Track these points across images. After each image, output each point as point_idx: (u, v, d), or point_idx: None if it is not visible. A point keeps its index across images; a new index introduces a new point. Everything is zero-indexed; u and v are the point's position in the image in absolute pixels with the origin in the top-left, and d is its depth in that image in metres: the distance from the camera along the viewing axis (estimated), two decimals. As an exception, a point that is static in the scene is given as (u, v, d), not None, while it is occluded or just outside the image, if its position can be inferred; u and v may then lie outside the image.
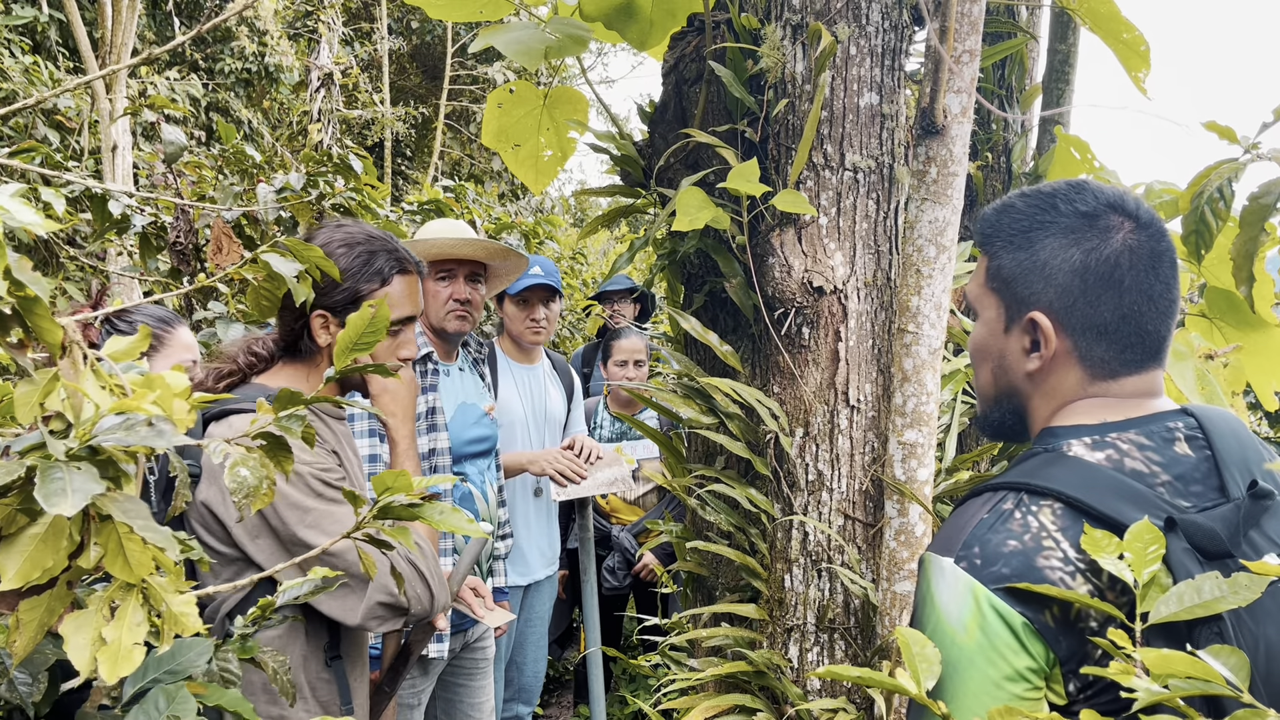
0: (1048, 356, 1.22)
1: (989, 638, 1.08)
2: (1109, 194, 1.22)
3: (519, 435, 3.73)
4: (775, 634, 2.19)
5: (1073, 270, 1.19)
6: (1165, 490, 1.10)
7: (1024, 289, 1.23)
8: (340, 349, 1.55)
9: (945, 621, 1.12)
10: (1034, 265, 1.22)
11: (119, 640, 1.10)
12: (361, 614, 1.75)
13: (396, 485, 1.41)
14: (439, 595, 1.84)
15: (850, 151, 2.04)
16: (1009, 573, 1.08)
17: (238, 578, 1.74)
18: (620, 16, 2.59)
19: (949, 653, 1.11)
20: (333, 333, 1.90)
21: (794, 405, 2.12)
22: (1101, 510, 1.08)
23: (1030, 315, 1.22)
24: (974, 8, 1.84)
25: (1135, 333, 1.18)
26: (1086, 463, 1.14)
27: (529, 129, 2.73)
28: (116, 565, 1.07)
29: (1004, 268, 1.26)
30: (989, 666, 1.08)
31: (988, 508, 1.15)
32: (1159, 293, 1.17)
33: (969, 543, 1.13)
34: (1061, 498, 1.10)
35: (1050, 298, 1.21)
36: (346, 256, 1.91)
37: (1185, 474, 1.11)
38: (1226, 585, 0.97)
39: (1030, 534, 1.09)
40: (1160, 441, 1.13)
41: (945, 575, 1.13)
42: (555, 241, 7.03)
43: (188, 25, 10.15)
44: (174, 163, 3.08)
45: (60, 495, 0.88)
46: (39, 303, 1.00)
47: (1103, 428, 1.17)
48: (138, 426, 0.94)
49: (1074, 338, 1.20)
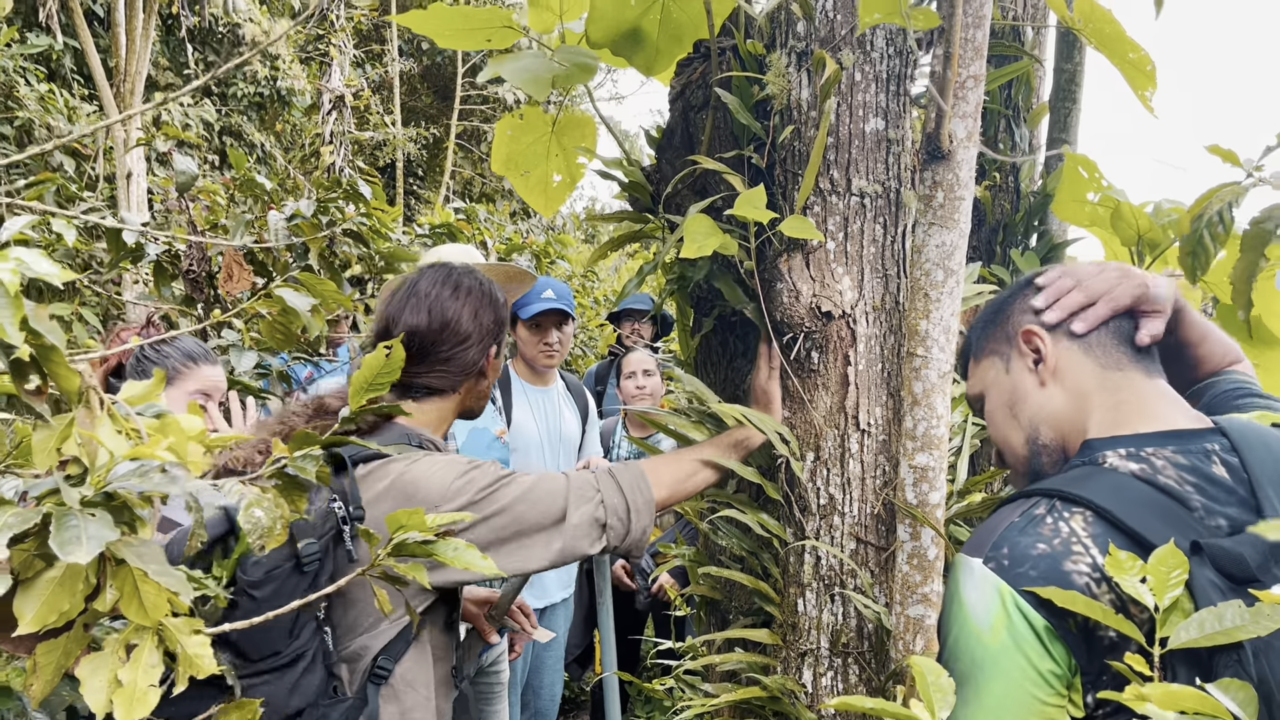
0: (1052, 360, 1.31)
1: (1014, 639, 1.09)
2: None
3: (534, 457, 3.74)
4: (789, 659, 2.19)
5: (1032, 285, 1.41)
6: (1201, 510, 1.11)
7: (1008, 330, 1.41)
8: (356, 388, 1.56)
9: (972, 621, 1.13)
10: (1004, 310, 1.43)
11: (134, 682, 1.11)
12: (570, 527, 1.80)
13: (410, 524, 1.43)
14: (634, 529, 1.88)
15: (857, 177, 2.05)
16: (1036, 575, 1.09)
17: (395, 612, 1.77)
18: (627, 43, 2.60)
19: (975, 652, 1.12)
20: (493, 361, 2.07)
21: (804, 430, 2.12)
22: (1132, 526, 1.09)
23: (1022, 331, 1.36)
24: (978, 34, 1.85)
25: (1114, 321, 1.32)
26: (1121, 476, 1.16)
27: (538, 155, 2.75)
28: (132, 608, 1.08)
29: (989, 338, 1.46)
30: (1014, 668, 1.09)
31: (1019, 511, 1.18)
32: None
33: (998, 544, 1.15)
34: (1094, 507, 1.12)
35: (1029, 318, 1.38)
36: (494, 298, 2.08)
37: (1220, 495, 1.12)
38: (1249, 614, 0.97)
39: (1060, 538, 1.11)
40: (1196, 460, 1.15)
41: (974, 575, 1.14)
42: (567, 260, 7.06)
43: (200, 50, 10.25)
44: (186, 192, 3.11)
45: (75, 543, 0.89)
46: (56, 351, 1.01)
47: (1138, 440, 1.19)
48: (151, 473, 0.95)
49: (1065, 334, 1.33)
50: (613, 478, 1.89)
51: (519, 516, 1.76)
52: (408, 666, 1.79)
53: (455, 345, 1.96)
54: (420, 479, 1.75)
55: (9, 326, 0.94)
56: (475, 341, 1.98)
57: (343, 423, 1.57)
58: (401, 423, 1.93)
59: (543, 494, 1.80)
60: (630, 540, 1.86)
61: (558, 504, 1.80)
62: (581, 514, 1.80)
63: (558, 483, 1.84)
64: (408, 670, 1.79)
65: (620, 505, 1.85)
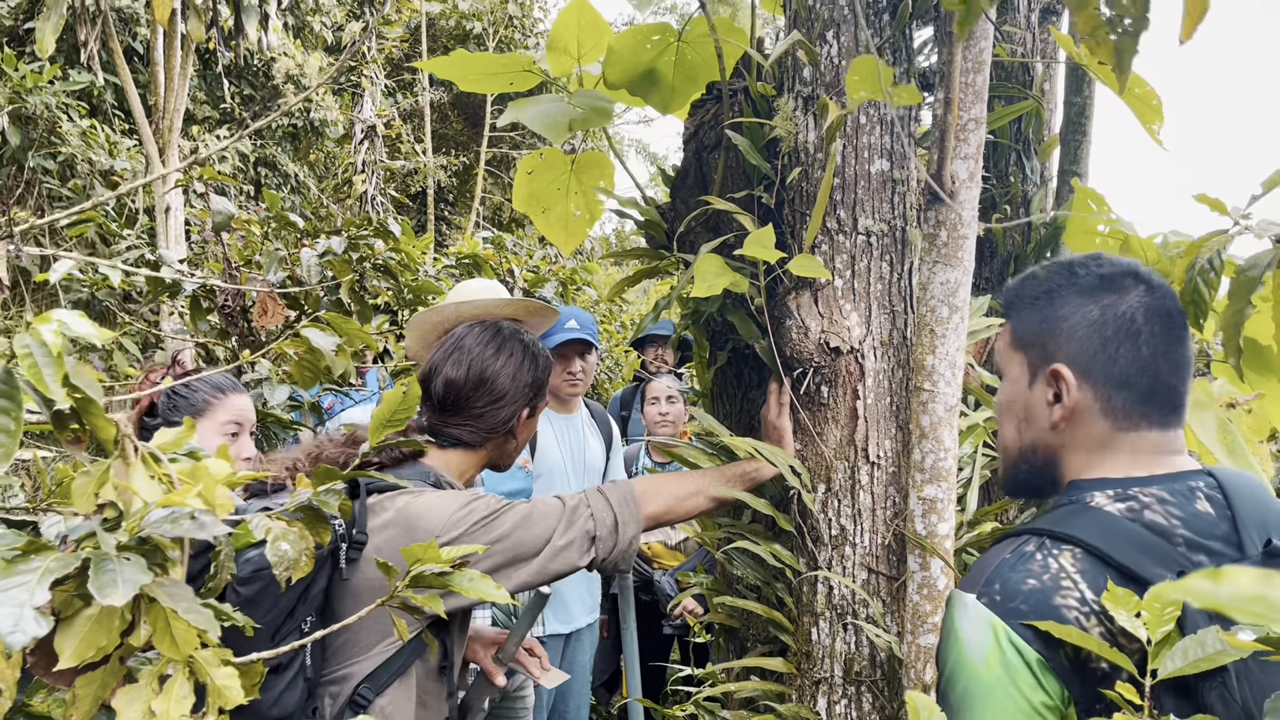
0: (1070, 406, 1.29)
1: (1008, 672, 1.13)
2: (1124, 262, 1.32)
3: (559, 484, 3.80)
4: (804, 687, 2.23)
5: (1091, 324, 1.27)
6: (1184, 545, 1.15)
7: (1046, 344, 1.32)
8: (375, 425, 1.63)
9: (967, 654, 1.17)
10: (1055, 321, 1.31)
11: (167, 713, 1.18)
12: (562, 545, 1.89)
13: (426, 556, 1.49)
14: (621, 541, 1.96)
15: (863, 216, 2.11)
16: (1027, 609, 1.13)
17: (381, 643, 1.83)
18: (643, 84, 2.68)
19: (970, 684, 1.16)
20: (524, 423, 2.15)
21: (815, 462, 2.17)
22: (1120, 560, 1.13)
23: (1053, 368, 1.30)
24: (977, 78, 1.90)
25: (1152, 385, 1.25)
26: (1108, 513, 1.19)
27: (558, 193, 2.83)
28: (165, 643, 1.15)
29: (1027, 327, 1.35)
30: (1008, 700, 1.13)
31: (1010, 549, 1.22)
32: (1173, 348, 1.24)
33: (990, 580, 1.19)
34: (1082, 544, 1.16)
35: (1071, 350, 1.29)
36: (536, 359, 2.16)
37: (1204, 530, 1.16)
38: (1228, 639, 1.01)
39: (1049, 574, 1.15)
40: (1181, 498, 1.19)
41: (968, 610, 1.19)
42: (593, 287, 7.14)
43: (236, 84, 10.50)
44: (222, 231, 3.22)
45: (112, 586, 0.96)
46: (94, 404, 1.09)
47: (1126, 482, 1.23)
48: (182, 520, 1.02)
49: (1094, 388, 1.27)
50: (602, 494, 1.99)
51: (519, 541, 1.86)
52: (389, 700, 1.83)
53: (490, 403, 2.05)
54: (423, 512, 1.83)
55: (52, 383, 1.02)
56: (509, 402, 2.06)
57: (362, 457, 1.64)
58: (425, 463, 2.00)
59: (539, 517, 1.89)
60: (617, 551, 1.95)
61: (552, 524, 1.89)
62: (574, 530, 1.91)
63: (552, 505, 1.94)
64: (389, 704, 1.83)
65: (609, 519, 1.94)
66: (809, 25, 2.14)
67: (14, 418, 1.02)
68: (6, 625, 0.92)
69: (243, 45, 7.15)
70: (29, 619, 0.93)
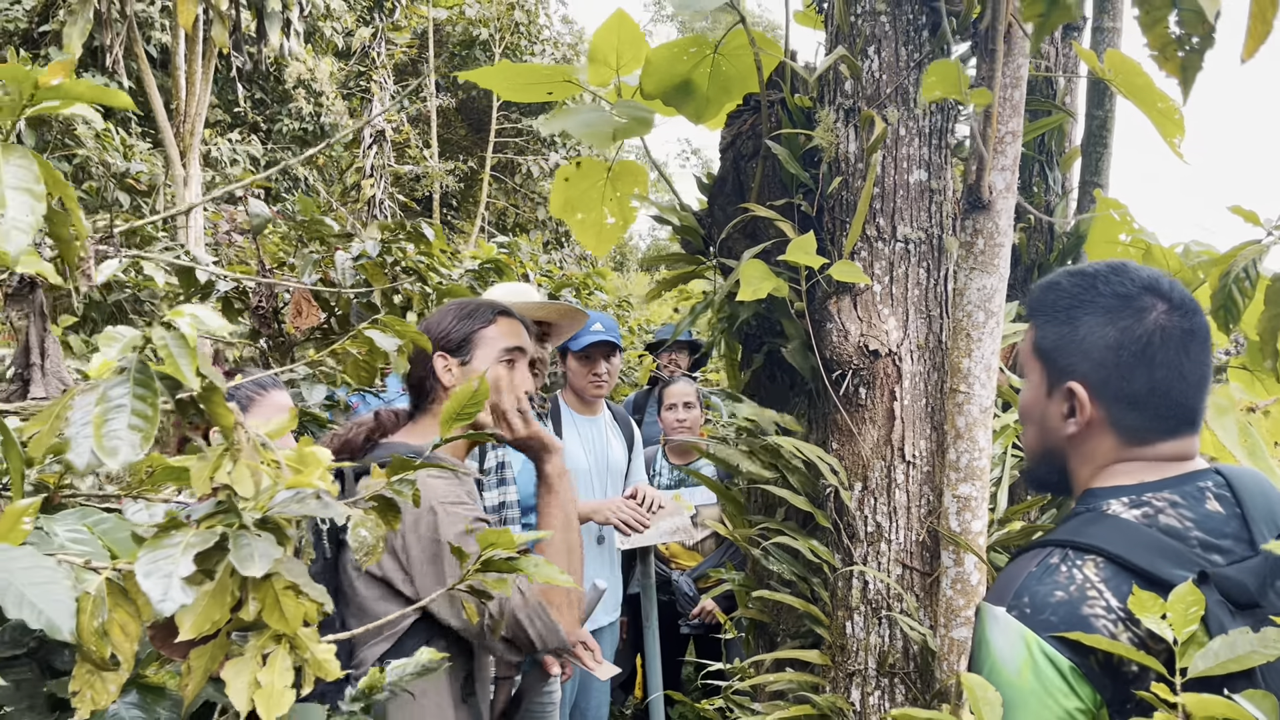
0: (1083, 423, 1.34)
1: (1041, 681, 1.19)
2: (1146, 276, 1.35)
3: (582, 485, 3.87)
4: (837, 679, 2.30)
5: (1108, 346, 1.31)
6: (1198, 545, 1.22)
7: (1064, 360, 1.36)
8: (445, 418, 1.71)
9: (1000, 665, 1.24)
10: (1074, 339, 1.35)
11: (272, 684, 1.26)
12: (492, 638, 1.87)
13: (500, 542, 1.57)
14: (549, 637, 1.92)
15: (901, 224, 2.19)
16: (1056, 620, 1.20)
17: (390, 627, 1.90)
18: (678, 94, 2.77)
19: (1005, 693, 1.23)
20: (454, 372, 2.10)
21: (852, 461, 2.25)
22: (1140, 565, 1.20)
23: (1068, 385, 1.34)
24: (1015, 92, 1.99)
25: (1165, 404, 1.30)
26: (1125, 520, 1.26)
27: (593, 200, 2.91)
28: (274, 618, 1.23)
29: (1047, 339, 1.39)
30: (1041, 708, 1.20)
31: (1035, 562, 1.28)
32: (1189, 369, 1.30)
33: (1019, 593, 1.25)
34: (1103, 553, 1.22)
35: (1086, 370, 1.33)
36: (457, 310, 2.14)
37: (1216, 529, 1.23)
38: (1257, 640, 1.08)
39: (1075, 585, 1.22)
40: (1192, 500, 1.25)
41: (999, 623, 1.25)
42: (604, 292, 7.23)
43: (248, 88, 10.58)
44: (259, 234, 3.30)
45: (249, 559, 1.04)
46: (218, 392, 1.17)
47: (1139, 488, 1.29)
48: (308, 499, 1.10)
49: (1107, 407, 1.32)
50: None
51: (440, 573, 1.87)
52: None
53: (420, 361, 2.05)
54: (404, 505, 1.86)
55: (187, 370, 1.10)
56: (430, 355, 2.04)
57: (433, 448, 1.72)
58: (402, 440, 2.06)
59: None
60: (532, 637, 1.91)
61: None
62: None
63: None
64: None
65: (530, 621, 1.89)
66: (850, 41, 2.22)
67: (151, 404, 1.09)
68: (157, 594, 1.00)
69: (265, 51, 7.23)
70: (177, 588, 1.01)
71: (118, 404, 1.08)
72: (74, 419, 1.09)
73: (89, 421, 1.08)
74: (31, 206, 1.05)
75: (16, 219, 1.03)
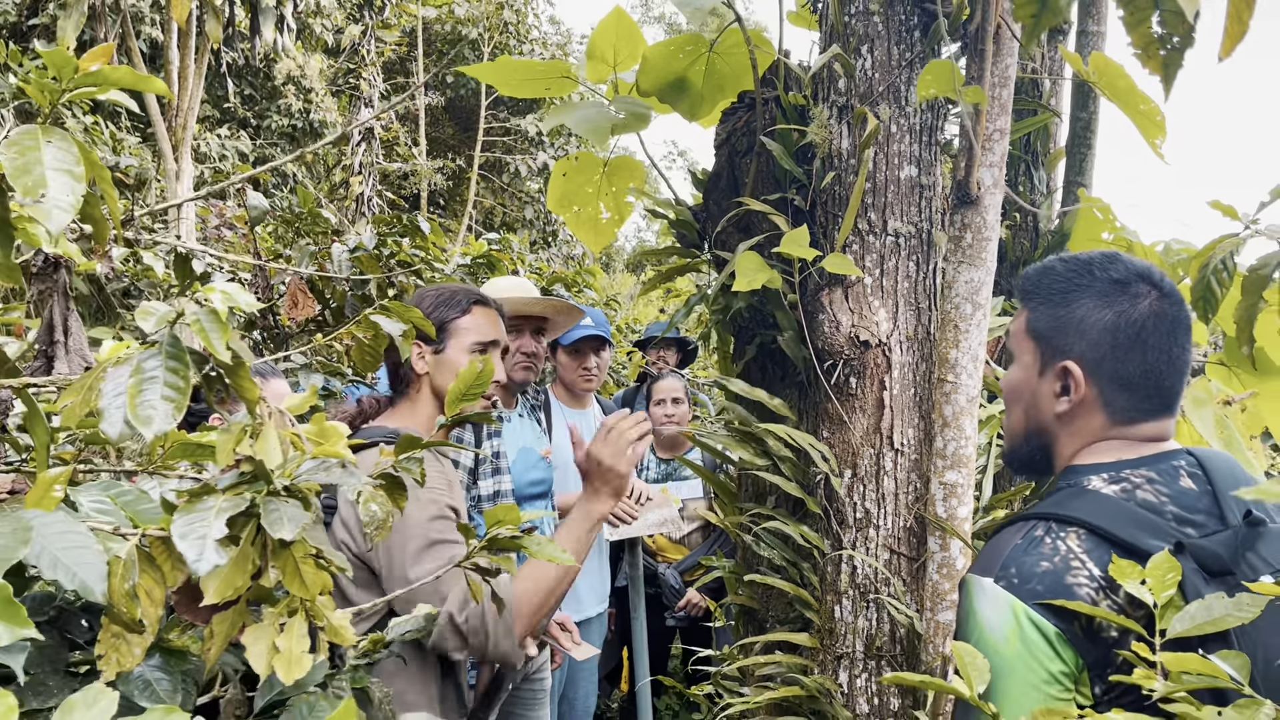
0: (1076, 401, 1.41)
1: (1027, 646, 1.26)
2: (1138, 265, 1.43)
3: (572, 477, 3.92)
4: (826, 661, 2.37)
5: (1104, 328, 1.38)
6: (1173, 519, 1.29)
7: (1060, 340, 1.42)
8: (451, 399, 1.77)
9: (988, 633, 1.31)
10: (1070, 320, 1.41)
11: (290, 649, 1.31)
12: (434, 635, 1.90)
13: (506, 518, 1.62)
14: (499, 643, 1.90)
15: (892, 219, 2.26)
16: (1042, 589, 1.27)
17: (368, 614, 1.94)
18: (673, 91, 2.83)
19: (993, 660, 1.29)
20: (428, 360, 2.13)
21: (842, 448, 2.32)
22: (1120, 536, 1.27)
23: (1064, 363, 1.41)
24: (1003, 91, 2.06)
25: (1154, 386, 1.37)
26: (1104, 495, 1.33)
27: (589, 194, 2.96)
28: (294, 585, 1.28)
29: (1042, 320, 1.45)
30: (1028, 672, 1.26)
31: (1021, 534, 1.35)
32: (1176, 354, 1.37)
33: (1006, 564, 1.32)
34: (1085, 525, 1.30)
35: (1082, 349, 1.40)
36: (434, 298, 2.18)
37: (1189, 504, 1.31)
38: (1232, 604, 1.15)
39: (1059, 556, 1.29)
40: (1168, 477, 1.33)
41: (986, 593, 1.32)
42: (593, 290, 7.27)
43: (237, 84, 10.58)
44: (258, 225, 3.33)
45: (279, 523, 1.09)
46: (244, 366, 1.22)
47: (1118, 465, 1.37)
48: (333, 469, 1.15)
49: (1100, 386, 1.39)
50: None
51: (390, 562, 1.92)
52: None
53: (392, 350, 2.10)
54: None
55: (219, 344, 1.15)
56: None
57: (440, 429, 1.77)
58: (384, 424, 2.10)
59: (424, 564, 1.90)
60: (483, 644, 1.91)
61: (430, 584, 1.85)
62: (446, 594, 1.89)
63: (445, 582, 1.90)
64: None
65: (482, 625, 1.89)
66: (844, 40, 2.29)
67: (183, 376, 1.14)
68: (192, 554, 1.05)
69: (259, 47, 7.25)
70: (211, 549, 1.06)
71: (151, 375, 1.13)
72: (107, 390, 1.14)
73: (123, 392, 1.12)
74: (72, 187, 1.10)
75: (58, 199, 1.08)
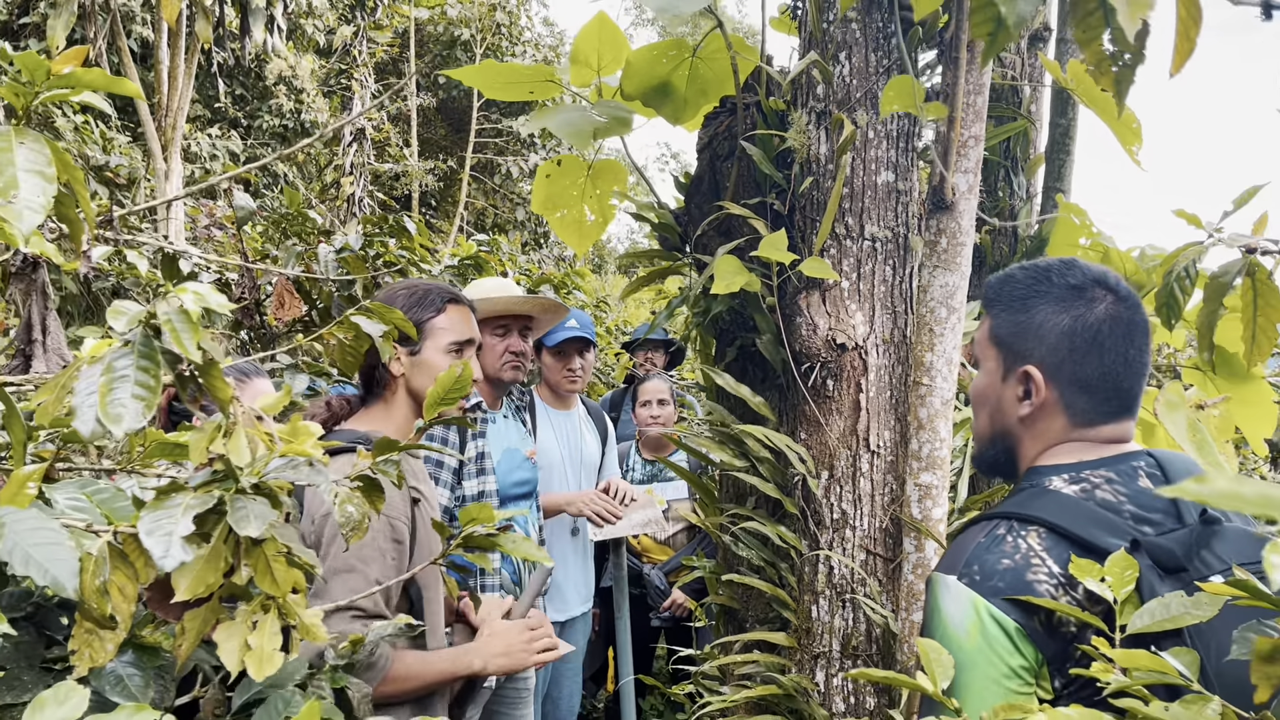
0: (1037, 404, 1.44)
1: (988, 641, 1.29)
2: (1095, 271, 1.46)
3: (556, 478, 3.94)
4: (803, 660, 2.39)
5: (1062, 333, 1.42)
6: (1131, 518, 1.33)
7: (1020, 346, 1.46)
8: (430, 402, 1.78)
9: (951, 628, 1.33)
10: (1029, 326, 1.45)
11: (261, 646, 1.32)
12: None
13: (480, 516, 1.64)
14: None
15: (869, 223, 2.28)
16: (1004, 586, 1.30)
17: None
18: (657, 96, 2.85)
19: (956, 656, 1.32)
20: (403, 361, 2.14)
21: (820, 450, 2.34)
22: (1079, 535, 1.30)
23: (1024, 368, 1.44)
24: (978, 99, 2.08)
25: (1112, 389, 1.40)
26: (1065, 495, 1.37)
27: (574, 197, 2.98)
28: (266, 582, 1.29)
29: (1004, 326, 1.49)
30: (989, 666, 1.29)
31: (984, 533, 1.38)
32: (1133, 357, 1.40)
33: (969, 562, 1.35)
34: (1045, 524, 1.33)
35: (1042, 354, 1.43)
36: (407, 297, 2.17)
37: (1147, 504, 1.34)
38: (1190, 603, 1.18)
39: (1020, 554, 1.31)
40: (1126, 477, 1.36)
41: (950, 590, 1.35)
42: (582, 291, 7.30)
43: (229, 84, 10.58)
44: (245, 225, 3.35)
45: (245, 521, 1.11)
46: (216, 366, 1.24)
47: (1078, 466, 1.40)
48: (301, 467, 1.17)
49: (1060, 389, 1.42)
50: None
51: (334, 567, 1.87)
52: None
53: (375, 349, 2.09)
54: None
55: (189, 344, 1.17)
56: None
57: (417, 432, 1.78)
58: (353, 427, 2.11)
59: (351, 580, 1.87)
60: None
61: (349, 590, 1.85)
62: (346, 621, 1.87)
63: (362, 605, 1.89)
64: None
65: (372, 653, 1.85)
66: (823, 47, 2.31)
67: (154, 375, 1.16)
68: (158, 551, 1.06)
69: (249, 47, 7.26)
70: (177, 546, 1.07)
71: (122, 374, 1.14)
72: (80, 389, 1.15)
73: (94, 391, 1.14)
74: (43, 188, 1.12)
75: (29, 199, 1.09)
